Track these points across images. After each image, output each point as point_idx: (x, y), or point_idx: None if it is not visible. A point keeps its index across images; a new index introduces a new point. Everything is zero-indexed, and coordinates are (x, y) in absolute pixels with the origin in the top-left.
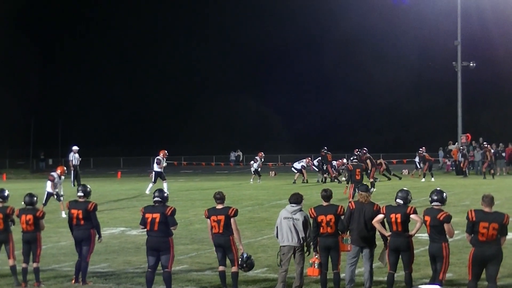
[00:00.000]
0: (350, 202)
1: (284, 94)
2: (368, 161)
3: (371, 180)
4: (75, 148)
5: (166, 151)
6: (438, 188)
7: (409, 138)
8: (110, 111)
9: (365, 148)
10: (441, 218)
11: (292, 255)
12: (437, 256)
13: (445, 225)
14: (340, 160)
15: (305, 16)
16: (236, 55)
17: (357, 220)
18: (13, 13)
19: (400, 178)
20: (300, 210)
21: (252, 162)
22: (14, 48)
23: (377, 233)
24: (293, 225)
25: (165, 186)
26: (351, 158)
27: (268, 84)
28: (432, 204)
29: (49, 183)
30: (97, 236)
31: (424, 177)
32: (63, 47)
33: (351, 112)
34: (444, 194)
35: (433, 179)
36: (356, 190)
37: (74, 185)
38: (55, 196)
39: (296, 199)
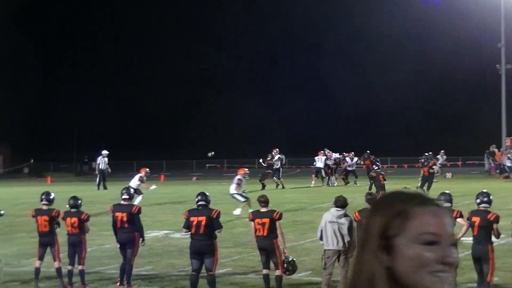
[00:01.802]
0: None
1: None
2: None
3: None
4: (104, 152)
5: (147, 169)
6: (485, 190)
7: (451, 141)
8: (152, 115)
9: (430, 152)
10: (492, 219)
11: (336, 259)
12: (483, 259)
13: (494, 225)
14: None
15: (339, 17)
16: (251, 58)
17: None
18: (41, 19)
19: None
20: (345, 214)
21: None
22: (51, 54)
23: None
24: (338, 229)
25: (138, 199)
26: (375, 167)
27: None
28: (480, 206)
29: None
30: (141, 239)
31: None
32: (104, 51)
33: (395, 116)
34: (491, 196)
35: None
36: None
37: (99, 189)
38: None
39: (342, 203)
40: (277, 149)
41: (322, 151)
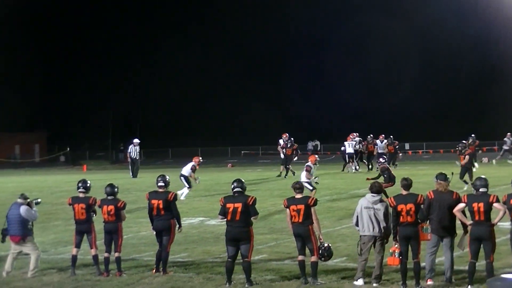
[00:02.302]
0: (428, 191)
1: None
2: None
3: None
4: (136, 141)
5: (201, 158)
6: None
7: (487, 127)
8: (187, 102)
9: (473, 135)
10: None
11: (372, 245)
12: None
13: None
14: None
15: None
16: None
17: (436, 210)
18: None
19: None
20: (381, 200)
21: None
22: (86, 44)
23: (457, 221)
24: (374, 215)
25: (185, 191)
26: (382, 160)
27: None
28: None
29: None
30: (177, 226)
31: None
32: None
33: (430, 101)
34: None
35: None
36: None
37: (133, 176)
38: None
39: (378, 188)
40: (287, 134)
41: (351, 136)
